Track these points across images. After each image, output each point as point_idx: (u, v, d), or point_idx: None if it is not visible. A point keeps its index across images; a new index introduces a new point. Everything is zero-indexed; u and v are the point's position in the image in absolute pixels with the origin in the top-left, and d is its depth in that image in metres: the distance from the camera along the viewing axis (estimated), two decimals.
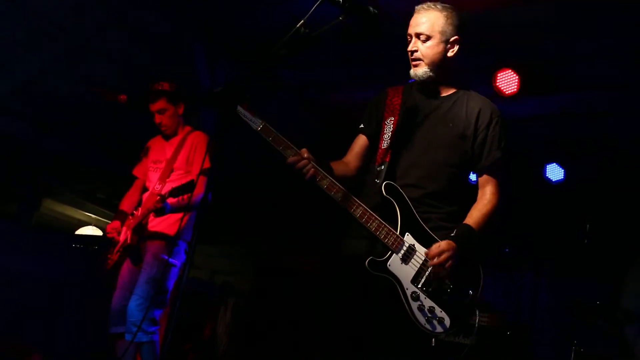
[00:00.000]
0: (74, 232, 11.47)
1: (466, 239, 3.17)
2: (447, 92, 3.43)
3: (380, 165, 3.31)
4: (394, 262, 3.14)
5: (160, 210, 4.81)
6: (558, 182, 7.42)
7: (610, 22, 5.58)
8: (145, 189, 5.33)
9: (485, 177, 3.36)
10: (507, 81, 6.26)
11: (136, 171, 5.46)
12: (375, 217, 3.15)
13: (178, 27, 6.85)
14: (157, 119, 5.23)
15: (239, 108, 3.15)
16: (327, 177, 3.15)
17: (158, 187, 5.09)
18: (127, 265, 5.04)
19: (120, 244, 5.03)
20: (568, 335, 5.79)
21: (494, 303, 6.80)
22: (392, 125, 3.37)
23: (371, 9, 3.20)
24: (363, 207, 3.16)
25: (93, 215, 12.05)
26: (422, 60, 3.32)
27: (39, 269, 6.70)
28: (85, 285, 6.31)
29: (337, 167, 3.37)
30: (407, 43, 3.36)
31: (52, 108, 8.19)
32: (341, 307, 3.28)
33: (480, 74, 6.07)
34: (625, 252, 7.54)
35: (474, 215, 3.25)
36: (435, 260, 3.06)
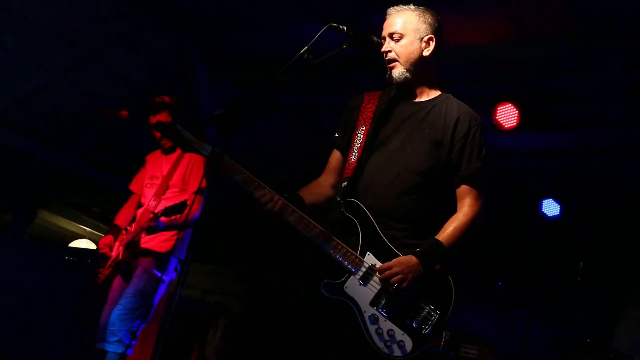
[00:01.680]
0: (68, 244, 11.43)
1: (431, 255, 2.96)
2: (425, 97, 3.25)
3: (344, 182, 3.15)
4: (352, 284, 2.95)
5: (153, 229, 4.77)
6: (553, 217, 7.40)
7: (610, 60, 5.63)
8: (140, 205, 5.31)
9: (463, 188, 3.13)
10: (507, 115, 6.28)
11: (133, 186, 5.42)
12: (333, 238, 2.97)
13: (181, 47, 6.89)
14: (157, 133, 5.22)
15: (183, 131, 3.02)
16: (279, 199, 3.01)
17: (152, 203, 5.05)
18: (118, 281, 4.99)
19: (112, 259, 5.00)
20: None
21: (485, 336, 6.78)
22: (362, 136, 3.21)
23: (374, 38, 3.20)
24: (319, 228, 2.98)
25: (87, 229, 12.02)
26: (398, 61, 3.16)
27: (30, 280, 6.67)
28: (76, 298, 6.28)
29: (308, 192, 3.24)
30: (381, 46, 3.21)
31: (52, 121, 8.20)
32: (301, 320, 3.15)
33: (480, 107, 6.10)
34: (617, 292, 7.51)
35: (447, 230, 3.02)
36: (384, 274, 2.89)
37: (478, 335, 6.72)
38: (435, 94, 3.26)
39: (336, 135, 3.36)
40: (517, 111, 6.20)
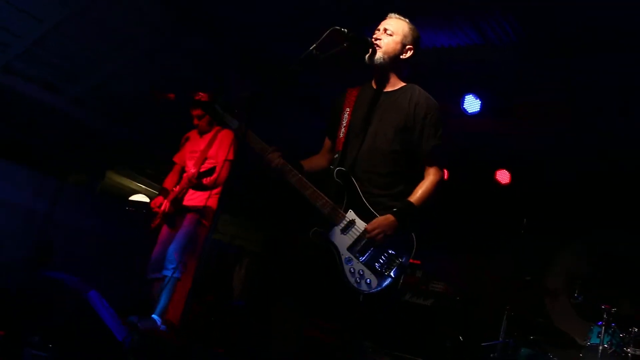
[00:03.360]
0: (128, 198, 11.45)
1: (406, 212, 2.97)
2: (395, 87, 3.21)
3: (336, 154, 3.16)
4: (334, 233, 2.97)
5: (196, 185, 4.88)
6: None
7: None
8: (184, 171, 5.33)
9: (427, 161, 3.12)
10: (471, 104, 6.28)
11: (176, 158, 5.48)
12: (323, 197, 3.00)
13: (217, 49, 6.88)
14: (196, 121, 5.27)
15: (219, 109, 3.10)
16: (286, 164, 3.07)
17: (193, 170, 5.10)
18: (165, 228, 5.07)
19: (161, 211, 5.05)
20: (503, 302, 5.79)
21: (451, 276, 6.79)
22: (347, 116, 3.20)
23: (369, 39, 3.17)
24: (313, 188, 3.02)
25: (143, 186, 12.04)
26: (381, 48, 3.14)
27: (99, 225, 6.74)
28: (132, 239, 6.33)
29: (307, 162, 3.26)
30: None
31: (117, 104, 8.20)
32: (300, 263, 3.19)
33: (451, 96, 6.12)
34: (549, 246, 7.52)
35: (417, 193, 3.02)
36: (370, 233, 2.91)
37: (443, 274, 6.74)
38: (401, 84, 3.21)
39: (327, 124, 3.36)
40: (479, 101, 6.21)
